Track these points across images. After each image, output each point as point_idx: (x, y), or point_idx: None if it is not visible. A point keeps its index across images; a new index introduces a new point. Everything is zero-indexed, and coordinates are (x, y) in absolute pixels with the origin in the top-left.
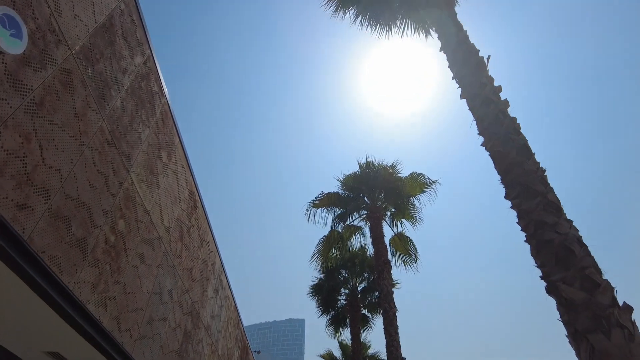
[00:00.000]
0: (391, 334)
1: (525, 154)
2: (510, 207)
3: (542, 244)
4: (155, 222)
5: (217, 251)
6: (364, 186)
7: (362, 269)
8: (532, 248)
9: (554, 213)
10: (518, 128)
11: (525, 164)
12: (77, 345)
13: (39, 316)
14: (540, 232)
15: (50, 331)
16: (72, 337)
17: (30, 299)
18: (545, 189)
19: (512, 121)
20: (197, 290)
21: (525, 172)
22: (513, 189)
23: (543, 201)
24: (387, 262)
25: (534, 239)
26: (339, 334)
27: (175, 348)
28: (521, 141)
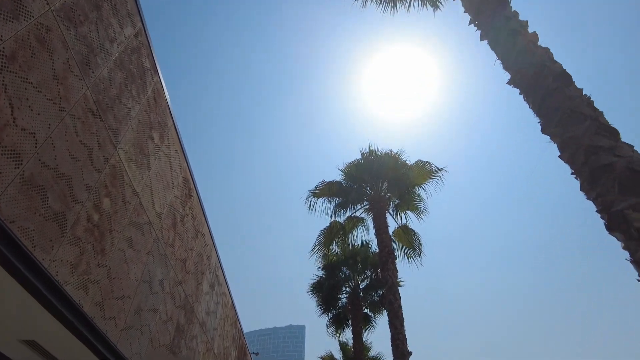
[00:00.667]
0: (397, 327)
1: (564, 80)
2: (549, 140)
3: (599, 171)
4: (146, 206)
5: (214, 245)
6: (366, 175)
7: (364, 266)
8: (584, 179)
9: (609, 136)
10: (552, 57)
11: (566, 90)
12: (54, 332)
13: (8, 296)
14: (594, 158)
15: (24, 315)
16: (49, 323)
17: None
18: (594, 113)
19: (545, 50)
20: (191, 283)
21: (568, 97)
22: (552, 117)
23: (594, 124)
24: (391, 253)
25: (585, 167)
26: (340, 334)
27: (166, 342)
28: (558, 69)
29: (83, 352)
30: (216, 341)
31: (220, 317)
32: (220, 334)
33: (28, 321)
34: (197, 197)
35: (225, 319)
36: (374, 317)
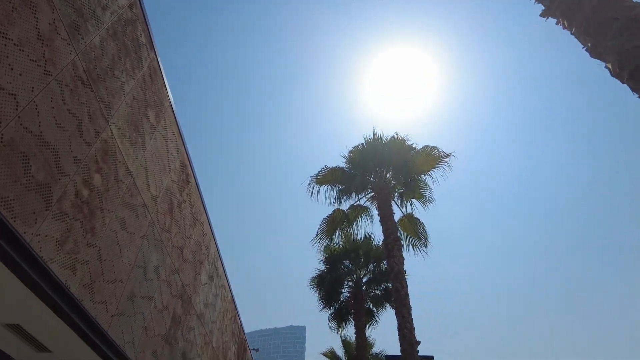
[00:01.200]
0: (404, 315)
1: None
2: (602, 64)
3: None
4: (140, 187)
5: (213, 235)
6: (371, 162)
7: (367, 259)
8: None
9: None
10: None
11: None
12: (40, 314)
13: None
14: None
15: (6, 296)
16: (34, 304)
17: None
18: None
19: None
20: (189, 272)
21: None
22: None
23: None
24: (397, 240)
25: None
26: (342, 329)
27: (161, 332)
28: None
29: (71, 337)
30: (215, 335)
31: (219, 311)
32: (219, 328)
33: (11, 302)
34: (195, 184)
35: (224, 312)
36: (376, 312)
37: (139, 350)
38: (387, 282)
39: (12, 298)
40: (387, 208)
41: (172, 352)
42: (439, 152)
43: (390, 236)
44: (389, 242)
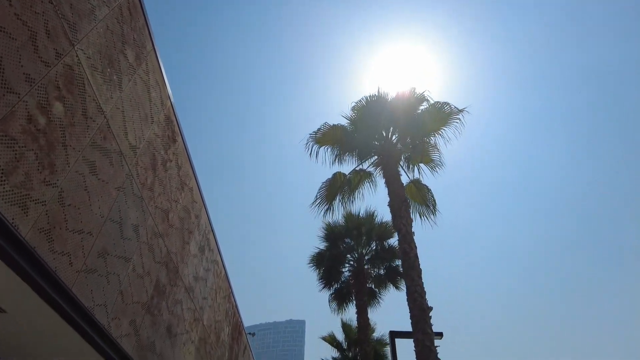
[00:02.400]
0: (413, 279)
1: None
2: None
3: None
4: (116, 132)
5: (204, 205)
6: (375, 121)
7: (369, 238)
8: None
9: None
10: None
11: None
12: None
13: None
14: None
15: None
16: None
17: None
18: None
19: None
20: (176, 239)
21: None
22: None
23: None
24: (404, 201)
25: None
26: (342, 310)
27: (142, 300)
28: None
29: (25, 293)
30: (206, 312)
31: (211, 287)
32: (211, 305)
33: None
34: (183, 145)
35: (217, 289)
36: (379, 293)
37: (112, 316)
38: (390, 260)
39: None
40: (393, 169)
41: (155, 324)
42: (451, 108)
43: (396, 198)
44: (395, 204)
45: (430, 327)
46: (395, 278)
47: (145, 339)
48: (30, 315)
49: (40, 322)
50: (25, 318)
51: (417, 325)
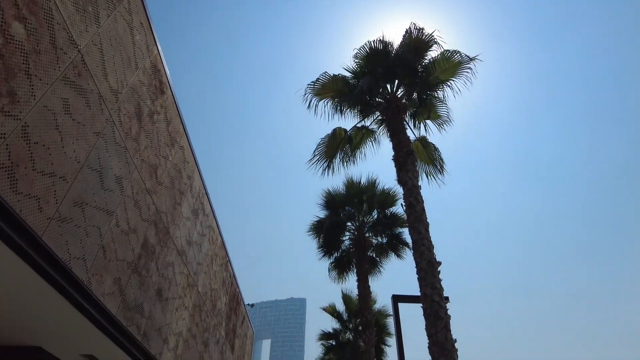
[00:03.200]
0: (420, 232)
1: None
2: None
3: None
4: (93, 71)
5: (197, 166)
6: (380, 68)
7: (370, 206)
8: None
9: None
10: None
11: None
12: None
13: None
14: None
15: None
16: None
17: None
18: None
19: None
20: (166, 198)
21: None
22: None
23: None
24: (410, 153)
25: None
26: (342, 279)
27: (127, 258)
28: None
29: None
30: (201, 278)
31: (207, 253)
32: (206, 272)
33: None
34: (172, 99)
35: (213, 257)
36: (380, 262)
37: (93, 272)
38: (392, 228)
39: None
40: (399, 122)
41: (143, 285)
42: (461, 57)
43: (402, 149)
44: (400, 156)
45: (439, 282)
46: (397, 246)
47: (132, 299)
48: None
49: (7, 273)
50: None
51: (425, 280)
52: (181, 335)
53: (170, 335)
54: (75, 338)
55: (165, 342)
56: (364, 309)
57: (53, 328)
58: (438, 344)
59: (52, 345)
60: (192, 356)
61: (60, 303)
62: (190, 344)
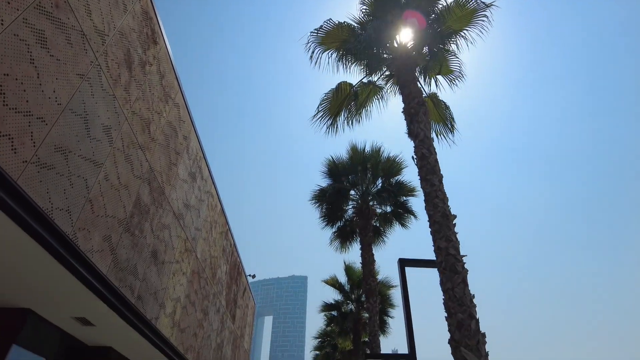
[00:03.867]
0: (434, 184)
1: None
2: None
3: None
4: (73, 5)
5: (194, 127)
6: (389, 14)
7: (375, 174)
8: None
9: None
10: None
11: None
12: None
13: None
14: None
15: None
16: None
17: None
18: None
19: None
20: (160, 157)
21: None
22: None
23: None
24: (422, 103)
25: None
26: (345, 248)
27: (118, 215)
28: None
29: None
30: (200, 245)
31: (205, 219)
32: (205, 239)
33: None
34: (166, 51)
35: (212, 223)
36: (384, 231)
37: (79, 226)
38: (398, 196)
39: None
40: (409, 73)
41: (137, 246)
42: (477, 3)
43: (413, 100)
44: (412, 107)
45: (454, 235)
46: (402, 215)
47: (124, 260)
48: None
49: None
50: None
51: (440, 233)
52: (179, 301)
53: (167, 300)
54: (65, 299)
55: (161, 307)
56: (367, 277)
57: (41, 288)
58: (455, 299)
59: (42, 307)
60: (190, 323)
61: (43, 258)
62: (189, 311)
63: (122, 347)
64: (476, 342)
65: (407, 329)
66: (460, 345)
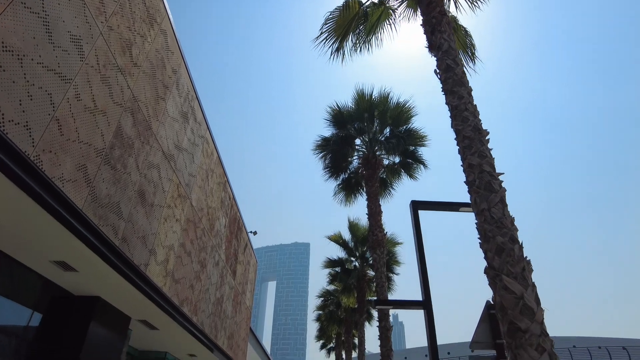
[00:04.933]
0: (462, 96)
1: None
2: None
3: None
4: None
5: (184, 62)
6: None
7: (382, 122)
8: None
9: None
10: None
11: None
12: None
13: None
14: None
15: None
16: None
17: None
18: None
19: None
20: (145, 86)
21: None
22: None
23: None
24: (444, 13)
25: None
26: (350, 201)
27: (95, 144)
28: None
29: None
30: (195, 192)
31: (200, 166)
32: (201, 186)
33: None
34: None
35: (208, 172)
36: (391, 183)
37: (43, 147)
38: (407, 144)
39: None
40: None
41: (120, 182)
42: None
43: (435, 9)
44: (433, 16)
45: (489, 151)
46: (411, 166)
47: (104, 195)
48: None
49: None
50: None
51: (471, 148)
52: (172, 249)
53: (158, 247)
54: (37, 238)
55: (152, 253)
56: (374, 228)
57: (7, 224)
58: (493, 221)
59: (16, 250)
60: (186, 274)
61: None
62: (184, 261)
63: (110, 296)
64: (521, 269)
65: (421, 274)
66: (501, 273)
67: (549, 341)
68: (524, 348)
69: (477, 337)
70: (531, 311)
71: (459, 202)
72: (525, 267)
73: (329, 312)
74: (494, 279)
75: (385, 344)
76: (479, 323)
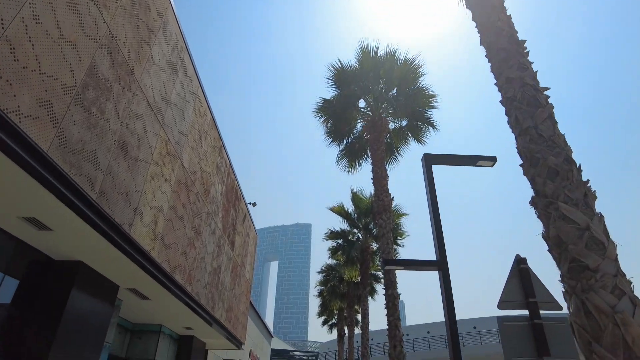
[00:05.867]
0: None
1: None
2: None
3: None
4: None
5: (172, 7)
6: None
7: (389, 82)
8: None
9: None
10: None
11: None
12: None
13: None
14: None
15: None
16: None
17: None
18: None
19: None
20: (126, 25)
21: None
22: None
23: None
24: None
25: None
26: (354, 168)
27: (63, 80)
28: None
29: None
30: (187, 152)
31: (192, 125)
32: (193, 147)
33: None
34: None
35: (202, 133)
36: (397, 149)
37: None
38: (415, 104)
39: None
40: None
41: (95, 128)
42: None
43: None
44: None
45: (529, 63)
46: (419, 129)
47: (76, 140)
48: None
49: None
50: None
51: (509, 61)
52: (161, 210)
53: (144, 207)
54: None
55: (137, 213)
56: (380, 193)
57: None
58: (542, 140)
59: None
60: (178, 240)
61: None
62: (176, 226)
63: (93, 261)
64: (582, 194)
65: (436, 233)
66: (557, 200)
67: (627, 282)
68: (594, 291)
69: (506, 296)
70: (601, 245)
71: (476, 155)
72: (587, 193)
73: (331, 287)
74: (546, 209)
75: (392, 313)
76: (507, 279)
